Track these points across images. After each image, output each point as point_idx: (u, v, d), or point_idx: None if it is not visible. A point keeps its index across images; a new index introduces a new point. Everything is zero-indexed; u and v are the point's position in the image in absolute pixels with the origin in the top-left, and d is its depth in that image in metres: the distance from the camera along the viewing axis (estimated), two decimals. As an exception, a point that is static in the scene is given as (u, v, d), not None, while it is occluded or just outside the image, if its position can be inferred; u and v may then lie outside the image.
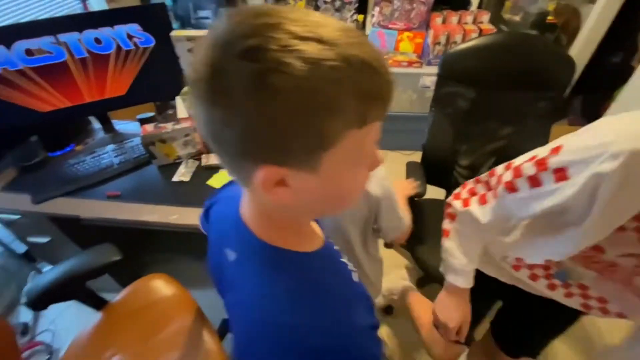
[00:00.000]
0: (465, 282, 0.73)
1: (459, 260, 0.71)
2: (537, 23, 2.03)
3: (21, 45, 0.99)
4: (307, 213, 0.41)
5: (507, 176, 0.58)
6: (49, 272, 0.84)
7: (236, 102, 0.27)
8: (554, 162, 0.49)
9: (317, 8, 2.08)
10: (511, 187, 0.56)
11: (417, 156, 1.33)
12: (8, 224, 1.18)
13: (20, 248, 1.40)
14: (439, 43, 1.85)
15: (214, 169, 1.15)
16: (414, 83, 1.93)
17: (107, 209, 1.03)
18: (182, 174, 1.13)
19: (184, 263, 1.63)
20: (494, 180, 0.63)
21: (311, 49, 0.26)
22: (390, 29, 1.95)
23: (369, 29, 2.06)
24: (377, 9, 1.92)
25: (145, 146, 1.12)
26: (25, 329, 1.43)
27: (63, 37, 1.02)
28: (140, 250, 1.64)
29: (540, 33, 2.02)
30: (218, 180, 1.12)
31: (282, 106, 0.27)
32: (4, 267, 1.42)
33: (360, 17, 2.12)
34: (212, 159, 1.17)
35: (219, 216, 0.52)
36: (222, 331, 1.36)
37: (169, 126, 1.12)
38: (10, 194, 1.12)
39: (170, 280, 1.04)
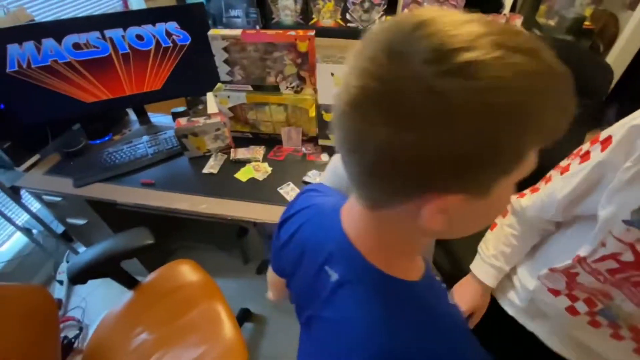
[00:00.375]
0: (486, 275, 0.73)
1: (489, 252, 0.72)
2: (572, 28, 1.97)
3: (70, 39, 1.07)
4: (442, 235, 0.39)
5: (562, 163, 0.59)
6: (89, 251, 0.91)
7: (435, 123, 0.24)
8: (603, 134, 0.50)
9: (346, 9, 2.10)
10: (564, 169, 0.58)
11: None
12: (50, 205, 1.27)
13: (59, 228, 1.50)
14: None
15: (241, 163, 1.20)
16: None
17: (141, 196, 1.10)
18: (211, 167, 1.18)
19: (207, 252, 1.70)
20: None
21: (521, 61, 0.23)
22: (418, 31, 1.94)
23: (396, 31, 2.06)
24: (405, 10, 1.92)
25: (179, 138, 1.18)
26: (59, 304, 1.53)
27: (109, 32, 1.09)
28: (167, 237, 1.72)
29: (575, 38, 1.96)
30: (244, 174, 1.16)
31: (502, 126, 0.24)
32: (42, 245, 1.52)
33: (388, 18, 2.12)
34: (240, 154, 1.22)
35: (313, 232, 0.48)
36: (241, 319, 1.42)
37: (201, 120, 1.17)
38: (53, 177, 1.20)
39: (196, 267, 1.10)
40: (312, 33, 1.00)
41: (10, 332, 0.74)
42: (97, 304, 1.55)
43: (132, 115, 1.47)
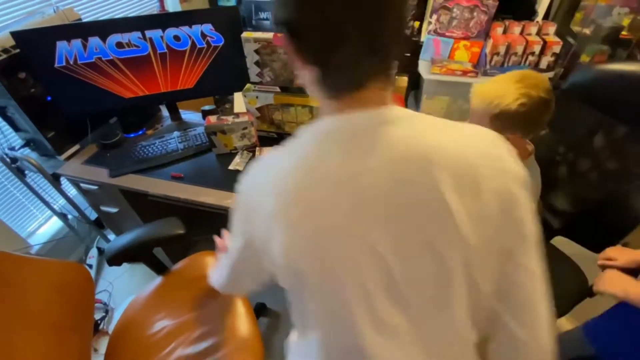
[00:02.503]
0: None
1: None
2: (609, 37, 1.90)
3: (114, 38, 1.14)
4: None
5: None
6: (126, 236, 0.97)
7: None
8: None
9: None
10: None
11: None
12: (85, 193, 1.35)
13: (92, 215, 1.59)
14: (497, 53, 1.80)
15: (265, 162, 1.24)
16: (466, 93, 1.89)
17: (171, 188, 1.15)
18: (237, 164, 1.23)
19: (226, 246, 1.75)
20: None
21: None
22: (446, 37, 1.93)
23: (423, 36, 2.06)
24: (434, 16, 1.91)
25: (208, 135, 1.23)
26: (89, 287, 1.62)
27: (149, 33, 1.16)
28: (192, 228, 1.78)
29: (612, 48, 1.89)
30: (269, 172, 1.20)
31: None
32: (76, 230, 1.62)
33: (417, 23, 2.12)
34: (264, 152, 1.26)
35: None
36: (257, 313, 1.45)
37: (230, 119, 1.22)
38: (90, 166, 1.28)
39: (218, 259, 1.14)
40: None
41: (52, 301, 0.80)
42: (123, 288, 1.63)
43: (165, 112, 1.54)
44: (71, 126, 1.33)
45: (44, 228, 1.62)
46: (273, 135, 1.35)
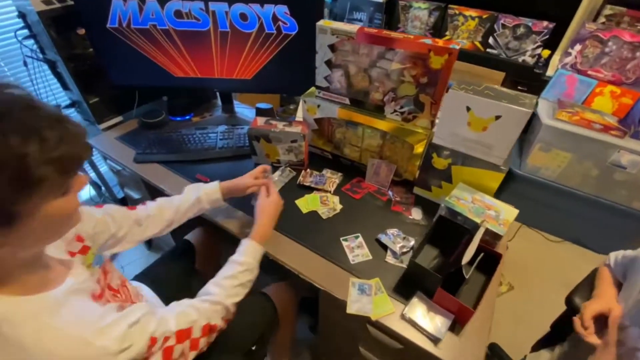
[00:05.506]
0: None
1: None
2: None
3: (173, 5, 0.97)
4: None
5: None
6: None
7: None
8: None
9: (491, 31, 1.71)
10: None
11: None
12: (115, 171, 1.22)
13: (120, 194, 1.49)
14: (664, 112, 1.27)
15: (307, 190, 0.96)
16: (601, 156, 1.39)
17: (189, 194, 0.94)
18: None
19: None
20: None
21: None
22: (588, 75, 1.45)
23: (553, 69, 1.59)
24: (577, 47, 1.45)
25: (250, 139, 0.99)
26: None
27: (213, 5, 0.96)
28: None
29: None
30: (307, 203, 0.91)
31: None
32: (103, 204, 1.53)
33: (546, 52, 1.66)
34: (309, 180, 0.98)
35: None
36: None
37: (279, 125, 0.97)
38: (123, 144, 1.14)
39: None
40: (457, 46, 0.69)
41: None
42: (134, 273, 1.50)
43: (219, 100, 1.36)
44: (118, 96, 1.21)
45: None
46: (327, 155, 1.07)
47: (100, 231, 0.63)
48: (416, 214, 0.89)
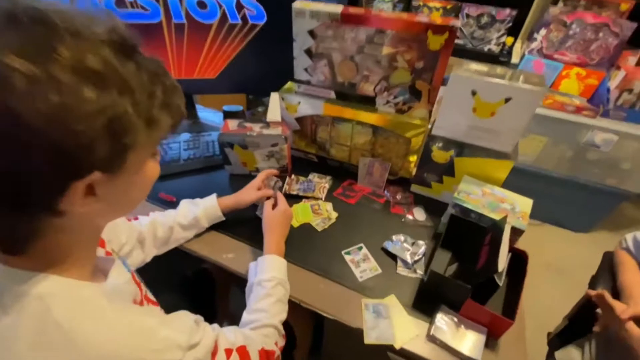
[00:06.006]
0: None
1: None
2: None
3: (116, -6, 0.80)
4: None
5: None
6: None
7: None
8: None
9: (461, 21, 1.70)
10: None
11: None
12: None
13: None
14: (629, 90, 1.32)
15: (294, 199, 0.83)
16: (574, 136, 1.41)
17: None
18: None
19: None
20: None
21: None
22: (554, 59, 1.47)
23: (517, 56, 1.61)
24: (542, 32, 1.46)
25: (222, 146, 0.85)
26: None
27: (164, -8, 0.81)
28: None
29: None
30: (297, 214, 0.79)
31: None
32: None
33: (510, 40, 1.68)
34: (295, 188, 0.86)
35: None
36: None
37: (255, 128, 0.84)
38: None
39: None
40: (457, 23, 0.61)
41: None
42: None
43: (179, 106, 1.19)
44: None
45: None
46: (312, 158, 0.96)
47: (111, 239, 0.54)
48: (419, 214, 0.81)
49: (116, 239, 0.57)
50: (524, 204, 0.69)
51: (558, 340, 0.85)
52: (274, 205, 0.71)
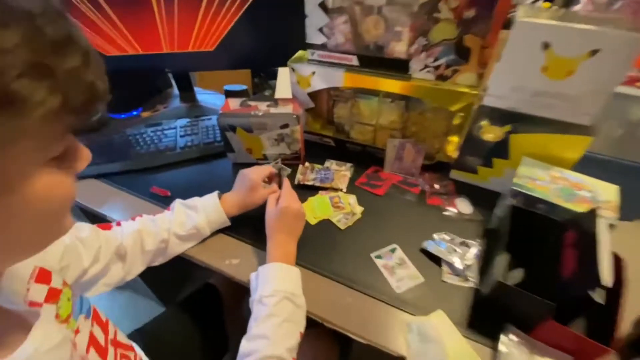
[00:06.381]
0: None
1: None
2: None
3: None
4: None
5: None
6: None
7: None
8: None
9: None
10: None
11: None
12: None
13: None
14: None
15: (310, 191, 0.70)
16: (623, 112, 1.23)
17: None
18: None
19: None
20: None
21: None
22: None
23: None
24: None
25: (222, 130, 0.71)
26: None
27: (146, -57, 0.67)
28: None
29: None
30: (315, 209, 0.66)
31: None
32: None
33: (547, 4, 1.48)
34: (311, 177, 0.72)
35: None
36: None
37: (261, 107, 0.70)
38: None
39: None
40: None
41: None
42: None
43: (176, 88, 1.06)
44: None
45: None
46: (329, 142, 0.81)
47: (68, 264, 0.43)
48: (463, 207, 0.66)
49: (76, 264, 0.44)
50: (608, 191, 0.54)
51: (633, 350, 0.70)
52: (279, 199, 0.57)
